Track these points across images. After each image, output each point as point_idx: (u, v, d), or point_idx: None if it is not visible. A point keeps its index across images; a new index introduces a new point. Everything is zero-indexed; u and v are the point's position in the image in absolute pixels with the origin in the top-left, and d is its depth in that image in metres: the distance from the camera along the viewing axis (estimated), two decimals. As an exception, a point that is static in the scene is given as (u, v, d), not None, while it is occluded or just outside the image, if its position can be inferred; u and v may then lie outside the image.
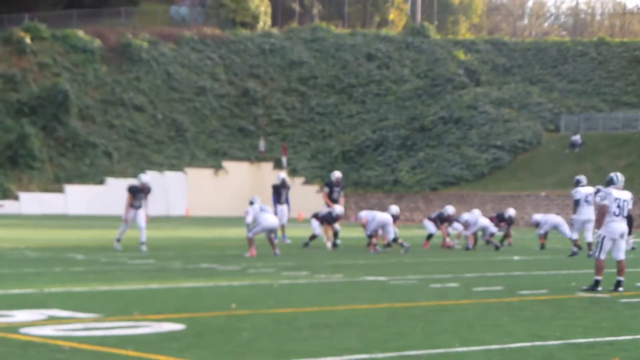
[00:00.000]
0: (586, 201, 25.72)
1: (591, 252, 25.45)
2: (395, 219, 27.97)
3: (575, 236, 26.67)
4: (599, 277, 15.97)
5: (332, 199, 29.52)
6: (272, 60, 78.15)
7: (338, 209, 28.20)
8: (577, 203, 25.85)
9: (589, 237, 26.17)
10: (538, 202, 58.27)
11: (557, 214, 57.37)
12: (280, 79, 77.52)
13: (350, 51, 79.82)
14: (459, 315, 12.56)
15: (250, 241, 24.05)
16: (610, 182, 16.28)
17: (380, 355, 9.25)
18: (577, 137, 61.99)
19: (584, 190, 26.11)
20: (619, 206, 15.93)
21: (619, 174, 16.56)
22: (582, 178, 27.22)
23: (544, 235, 29.74)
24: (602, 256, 16.03)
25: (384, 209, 59.44)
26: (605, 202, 15.95)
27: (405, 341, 10.17)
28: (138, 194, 25.70)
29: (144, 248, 25.24)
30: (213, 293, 15.05)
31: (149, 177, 26.60)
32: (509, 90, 70.70)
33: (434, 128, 67.55)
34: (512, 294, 15.40)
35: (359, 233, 32.69)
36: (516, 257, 25.43)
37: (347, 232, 32.57)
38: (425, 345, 9.86)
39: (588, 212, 25.89)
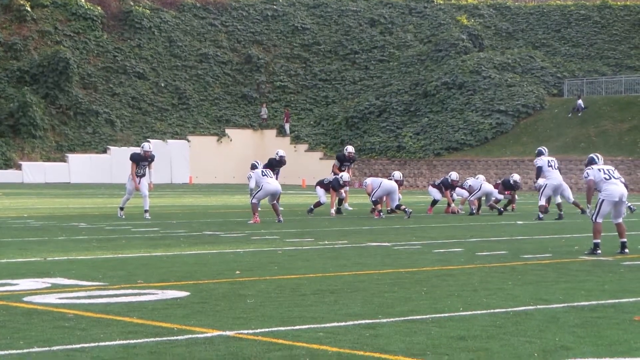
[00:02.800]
0: (549, 166, 26.24)
1: (562, 213, 26.95)
2: (399, 184, 27.99)
3: (543, 202, 26.78)
4: (597, 240, 16.06)
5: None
6: (274, 26, 77.90)
7: (345, 175, 28.23)
8: (540, 170, 26.36)
9: (558, 199, 27.32)
10: (542, 166, 58.18)
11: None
12: (283, 45, 77.29)
13: (353, 17, 79.53)
14: (463, 279, 12.58)
15: (254, 207, 24.04)
16: (591, 162, 16.75)
17: (384, 320, 9.27)
18: (580, 101, 61.85)
19: (546, 158, 26.87)
20: (604, 172, 16.13)
21: (599, 155, 17.14)
22: (544, 149, 28.07)
23: (547, 201, 29.63)
24: (599, 219, 16.12)
25: (387, 175, 59.64)
26: (590, 177, 16.19)
27: (409, 306, 10.19)
28: (142, 162, 25.69)
29: (147, 216, 25.28)
30: (217, 260, 15.07)
31: (151, 145, 26.58)
32: (512, 55, 70.46)
33: (438, 93, 67.40)
34: (515, 258, 15.41)
35: (362, 199, 32.69)
36: (519, 222, 25.43)
37: (351, 199, 32.53)
38: (429, 310, 9.88)
39: (557, 176, 26.84)
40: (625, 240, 16.34)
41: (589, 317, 9.54)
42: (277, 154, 29.76)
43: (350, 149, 30.51)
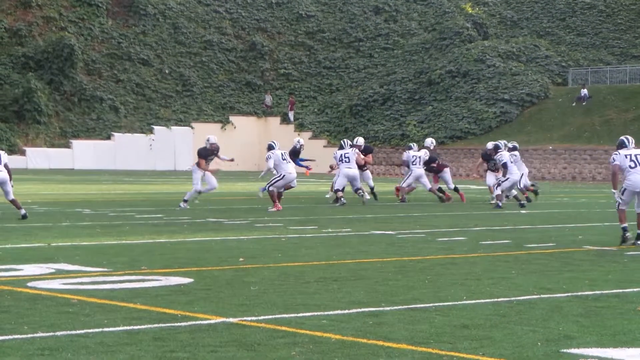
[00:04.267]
0: (511, 162, 26.19)
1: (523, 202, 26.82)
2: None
3: (503, 192, 26.92)
4: (624, 225, 15.86)
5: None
6: (279, 13, 77.78)
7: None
8: (505, 166, 26.33)
9: (520, 185, 27.33)
10: (545, 155, 58.18)
11: (564, 168, 57.50)
12: (287, 32, 77.18)
13: (358, 4, 79.38)
14: (466, 268, 12.58)
15: (273, 195, 23.98)
16: (621, 145, 16.27)
17: (387, 308, 9.27)
18: (584, 91, 61.75)
19: (507, 154, 26.79)
20: (632, 159, 15.88)
21: (629, 137, 16.54)
22: (501, 143, 27.98)
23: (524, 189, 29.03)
24: (624, 207, 16.03)
25: (391, 163, 58.81)
26: (616, 162, 15.99)
27: (413, 294, 10.19)
28: (209, 157, 25.34)
29: (184, 206, 24.35)
30: (221, 247, 15.08)
31: (215, 137, 26.55)
32: (517, 44, 70.31)
33: (442, 82, 67.30)
34: (519, 248, 15.41)
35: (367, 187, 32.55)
36: (523, 211, 25.42)
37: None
38: (433, 299, 9.88)
39: (516, 171, 26.75)
40: None
41: (592, 306, 9.54)
42: (298, 142, 29.96)
43: (361, 140, 29.90)
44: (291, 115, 70.87)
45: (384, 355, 7.13)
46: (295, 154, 29.19)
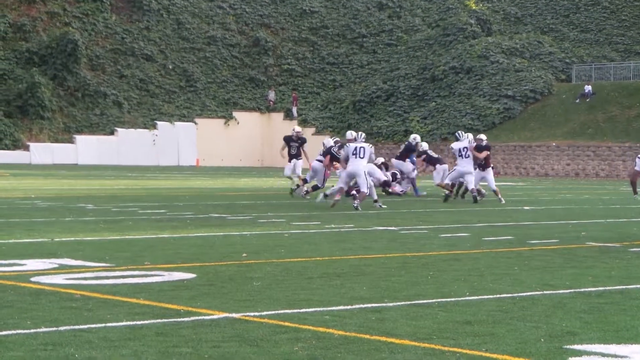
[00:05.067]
0: (460, 155, 25.83)
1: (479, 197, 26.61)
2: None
3: (444, 181, 27.15)
4: None
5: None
6: (283, 9, 77.76)
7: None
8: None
9: (470, 186, 26.61)
10: (549, 152, 58.15)
11: (568, 164, 57.45)
12: (291, 28, 77.17)
13: (362, 0, 79.33)
14: (469, 264, 12.57)
15: (341, 190, 24.12)
16: None
17: (390, 304, 9.26)
18: (588, 87, 61.68)
19: (458, 145, 26.48)
20: None
21: None
22: (460, 133, 27.50)
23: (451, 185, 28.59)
24: None
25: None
26: (637, 168, 16.25)
27: (416, 290, 10.19)
28: (292, 143, 28.38)
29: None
30: (224, 242, 15.07)
31: (300, 128, 28.91)
32: (521, 40, 70.28)
33: (445, 78, 67.29)
34: (522, 244, 15.40)
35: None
36: (526, 207, 25.41)
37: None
38: (436, 294, 9.87)
39: (464, 164, 26.26)
40: None
41: (595, 303, 9.53)
42: (414, 139, 29.92)
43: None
44: (294, 110, 70.87)
45: (387, 351, 7.13)
46: (410, 151, 29.40)
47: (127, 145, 65.01)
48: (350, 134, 24.93)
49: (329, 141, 28.07)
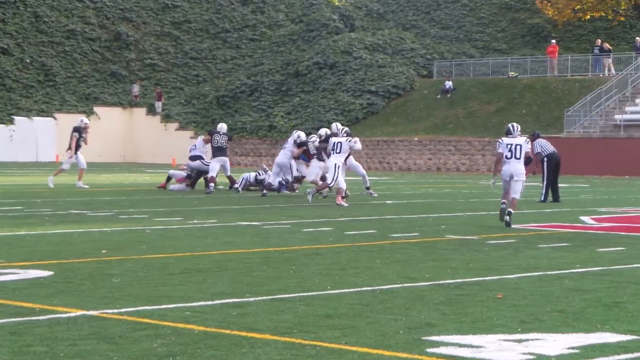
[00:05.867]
0: (332, 149, 26.45)
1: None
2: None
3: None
4: None
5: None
6: (144, 3, 76.87)
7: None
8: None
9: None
10: (411, 146, 58.99)
11: (429, 159, 58.39)
12: (153, 22, 76.37)
13: (225, -5, 79.04)
14: (331, 258, 12.63)
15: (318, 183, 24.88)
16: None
17: (252, 299, 9.24)
18: (449, 83, 62.81)
19: (333, 140, 26.80)
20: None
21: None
22: (335, 126, 27.13)
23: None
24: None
25: (259, 154, 58.85)
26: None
27: (278, 285, 10.18)
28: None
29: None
30: (83, 239, 14.81)
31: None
32: (383, 36, 71.06)
33: (309, 73, 67.58)
34: (384, 237, 15.56)
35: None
36: (389, 202, 25.69)
37: (220, 178, 32.30)
38: (297, 289, 9.89)
39: (334, 158, 26.47)
40: None
41: (453, 294, 9.68)
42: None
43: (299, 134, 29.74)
44: (159, 106, 70.18)
45: (247, 346, 7.10)
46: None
47: (-17, 140, 63.42)
48: (336, 126, 25.74)
49: (302, 135, 28.29)
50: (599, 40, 63.52)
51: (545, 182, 25.85)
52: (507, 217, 17.43)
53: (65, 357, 6.69)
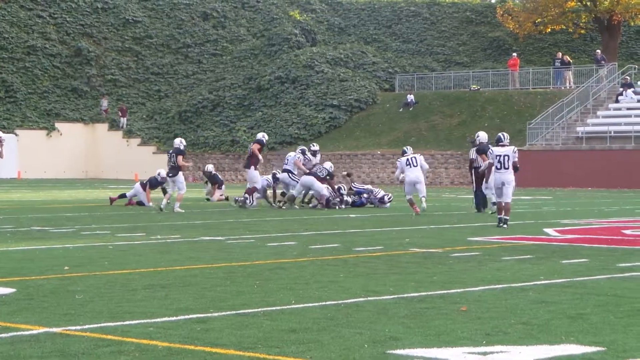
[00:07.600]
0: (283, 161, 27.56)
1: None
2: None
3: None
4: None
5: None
6: (105, 19, 76.60)
7: (162, 172, 28.75)
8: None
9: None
10: (374, 160, 59.11)
11: (393, 172, 58.48)
12: (114, 38, 76.11)
13: (186, 10, 78.97)
14: (295, 272, 12.61)
15: (411, 202, 25.52)
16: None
17: (216, 314, 9.20)
18: (411, 96, 63.04)
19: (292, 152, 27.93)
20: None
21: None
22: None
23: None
24: None
25: (222, 169, 58.66)
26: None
27: (241, 299, 10.15)
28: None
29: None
30: (46, 256, 14.69)
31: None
32: (345, 50, 71.24)
33: (271, 88, 67.60)
34: (348, 251, 15.55)
35: (196, 194, 32.44)
36: (352, 215, 25.71)
37: (189, 193, 32.22)
38: (261, 303, 9.85)
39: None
40: None
41: (418, 308, 9.69)
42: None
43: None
44: (123, 122, 69.90)
45: (212, 362, 7.06)
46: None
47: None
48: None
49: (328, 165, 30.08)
50: (560, 53, 64.08)
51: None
52: (505, 226, 19.49)
53: (28, 375, 6.63)
